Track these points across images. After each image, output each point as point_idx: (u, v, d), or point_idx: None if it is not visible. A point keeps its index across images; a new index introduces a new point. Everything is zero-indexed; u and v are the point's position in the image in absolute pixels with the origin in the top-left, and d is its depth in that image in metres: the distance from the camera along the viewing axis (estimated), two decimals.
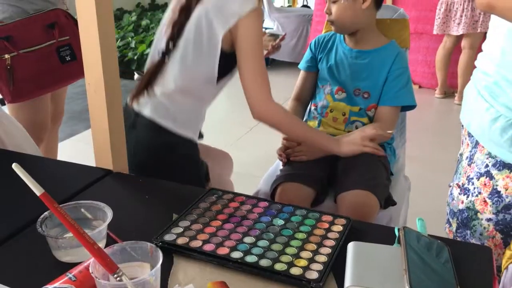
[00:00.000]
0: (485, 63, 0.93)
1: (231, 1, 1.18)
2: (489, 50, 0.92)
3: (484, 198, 0.92)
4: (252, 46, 1.19)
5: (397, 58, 1.47)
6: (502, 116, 0.87)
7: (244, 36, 1.18)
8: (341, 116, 1.51)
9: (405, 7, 3.86)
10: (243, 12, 1.15)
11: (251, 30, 1.18)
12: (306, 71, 1.61)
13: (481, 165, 0.93)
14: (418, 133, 3.01)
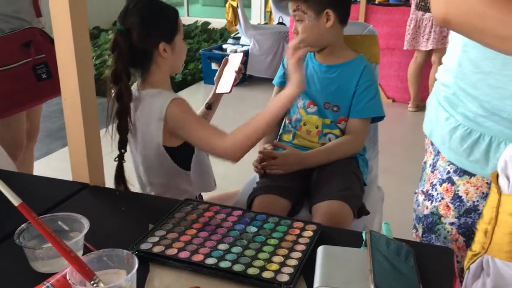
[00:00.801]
0: (444, 75, 0.98)
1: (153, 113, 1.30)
2: (448, 63, 0.98)
3: (447, 203, 0.97)
4: (189, 121, 1.30)
5: (364, 71, 1.52)
6: (461, 125, 0.92)
7: (177, 121, 1.29)
8: (314, 129, 1.56)
9: (377, 24, 4.01)
10: (166, 106, 1.27)
11: (179, 112, 1.29)
12: (280, 86, 1.66)
13: (443, 171, 0.97)
14: (392, 145, 3.08)
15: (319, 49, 1.55)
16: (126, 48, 1.27)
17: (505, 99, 0.85)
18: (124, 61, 1.28)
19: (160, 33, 1.31)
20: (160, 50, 1.31)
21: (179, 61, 1.40)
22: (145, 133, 1.35)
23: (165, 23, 1.33)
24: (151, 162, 1.38)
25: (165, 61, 1.34)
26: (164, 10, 1.33)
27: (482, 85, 0.88)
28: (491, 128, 0.88)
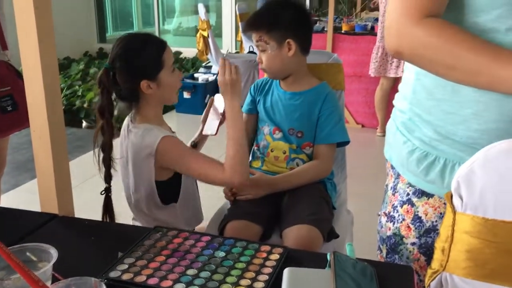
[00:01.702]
0: (400, 102, 1.04)
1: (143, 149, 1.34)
2: (403, 90, 1.03)
3: (408, 224, 1.01)
4: (184, 157, 1.35)
5: (326, 98, 1.58)
6: (418, 149, 0.97)
7: (170, 158, 1.34)
8: (282, 155, 1.60)
9: (344, 52, 4.14)
10: (155, 144, 1.31)
11: (172, 150, 1.35)
12: (248, 114, 1.70)
13: (403, 194, 1.01)
14: (361, 169, 3.15)
15: (283, 77, 1.61)
16: (109, 86, 1.32)
17: (457, 124, 0.90)
18: (108, 97, 1.32)
19: (141, 71, 1.34)
20: (143, 87, 1.33)
21: (169, 94, 1.41)
22: (135, 166, 1.38)
23: (146, 60, 1.34)
24: (140, 195, 1.40)
25: (152, 96, 1.36)
26: (146, 47, 1.35)
27: (436, 111, 0.93)
28: (445, 151, 0.93)
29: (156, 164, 1.33)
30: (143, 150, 1.33)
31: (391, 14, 0.85)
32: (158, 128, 1.37)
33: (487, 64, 0.76)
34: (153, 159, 1.32)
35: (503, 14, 0.82)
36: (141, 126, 1.37)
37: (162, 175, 1.37)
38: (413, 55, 0.85)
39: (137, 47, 1.34)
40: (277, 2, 1.63)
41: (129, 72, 1.33)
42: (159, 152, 1.31)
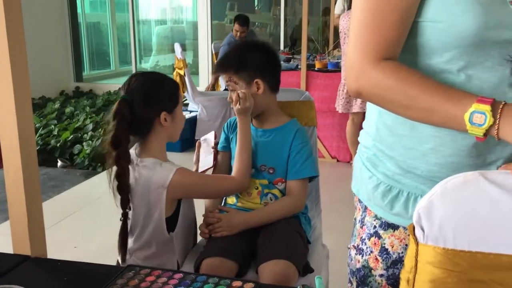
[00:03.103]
0: (365, 138, 1.09)
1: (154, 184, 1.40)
2: (367, 127, 1.08)
3: (376, 256, 1.04)
4: (198, 182, 1.49)
5: (296, 134, 1.62)
6: (382, 183, 1.01)
7: (186, 188, 1.44)
8: (255, 190, 1.62)
9: (318, 88, 4.24)
10: (170, 177, 1.39)
11: (187, 180, 1.44)
12: (222, 151, 1.73)
13: (370, 226, 1.05)
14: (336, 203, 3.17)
15: (254, 115, 1.65)
16: (128, 116, 1.36)
17: (417, 158, 0.95)
18: (125, 128, 1.36)
19: (162, 103, 1.42)
20: (161, 119, 1.41)
21: (178, 130, 1.51)
22: (143, 199, 1.41)
23: (167, 93, 1.44)
24: (142, 229, 1.43)
25: (164, 130, 1.44)
26: (165, 82, 1.46)
27: (397, 147, 0.98)
28: (408, 185, 0.98)
29: (168, 198, 1.39)
30: (154, 184, 1.38)
31: (351, 56, 0.90)
32: (165, 161, 1.44)
33: (440, 104, 0.82)
34: (165, 193, 1.37)
35: (454, 57, 0.88)
36: (149, 160, 1.42)
37: (167, 212, 1.42)
38: (371, 96, 0.90)
39: (156, 81, 1.44)
40: (244, 44, 1.71)
41: (150, 103, 1.39)
42: (173, 184, 1.38)
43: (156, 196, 1.38)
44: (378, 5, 0.87)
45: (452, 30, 0.86)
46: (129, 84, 1.41)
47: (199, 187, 1.47)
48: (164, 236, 1.43)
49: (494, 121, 0.76)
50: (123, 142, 1.36)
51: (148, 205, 1.40)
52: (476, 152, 0.93)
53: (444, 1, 0.85)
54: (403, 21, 0.87)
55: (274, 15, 7.96)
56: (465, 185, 0.80)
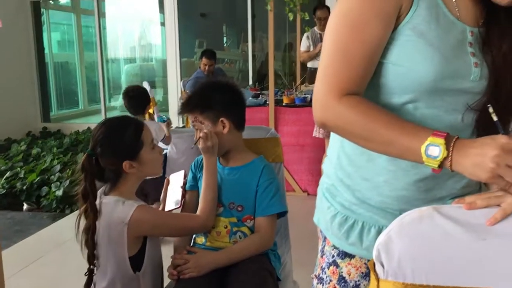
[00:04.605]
0: (328, 166, 1.12)
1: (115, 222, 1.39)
2: (330, 155, 1.12)
3: (334, 285, 1.06)
4: (161, 220, 1.49)
5: (263, 171, 1.64)
6: (339, 213, 1.05)
7: (147, 225, 1.43)
8: (224, 229, 1.62)
9: (286, 123, 4.30)
10: (130, 215, 1.38)
11: (148, 217, 1.43)
12: (190, 190, 1.73)
13: (329, 256, 1.08)
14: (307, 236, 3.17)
15: (221, 153, 1.67)
16: (92, 171, 1.40)
17: (372, 189, 1.00)
18: (92, 182, 1.39)
19: (123, 153, 1.43)
20: (125, 168, 1.42)
21: (151, 169, 1.51)
22: (104, 238, 1.40)
23: (126, 142, 1.44)
24: (106, 268, 1.41)
25: (133, 174, 1.46)
26: (125, 130, 1.45)
27: (355, 176, 1.02)
28: (363, 215, 1.02)
29: (129, 235, 1.38)
30: (115, 221, 1.38)
31: (318, 90, 0.95)
32: (130, 200, 1.43)
33: (398, 137, 0.86)
34: (125, 229, 1.37)
35: (412, 99, 0.94)
36: (112, 198, 1.43)
37: (131, 250, 1.41)
38: (335, 127, 0.95)
39: (117, 131, 1.45)
40: (209, 84, 1.75)
41: (112, 155, 1.42)
42: (134, 221, 1.37)
43: (117, 233, 1.38)
44: (347, 41, 0.91)
45: (411, 75, 0.91)
46: (94, 136, 1.44)
47: (162, 225, 1.47)
48: (129, 275, 1.41)
49: (447, 153, 0.80)
50: (90, 196, 1.38)
51: (110, 243, 1.40)
52: (426, 187, 0.97)
53: (406, 47, 0.91)
54: (369, 58, 0.92)
55: (243, 51, 8.10)
56: (421, 220, 0.83)
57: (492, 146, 0.78)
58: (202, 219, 1.55)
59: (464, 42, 0.93)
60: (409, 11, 0.91)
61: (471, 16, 0.94)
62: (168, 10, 7.27)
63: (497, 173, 0.77)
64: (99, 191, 1.46)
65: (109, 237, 1.40)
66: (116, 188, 1.46)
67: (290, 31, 6.18)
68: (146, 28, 9.41)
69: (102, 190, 1.48)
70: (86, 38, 8.84)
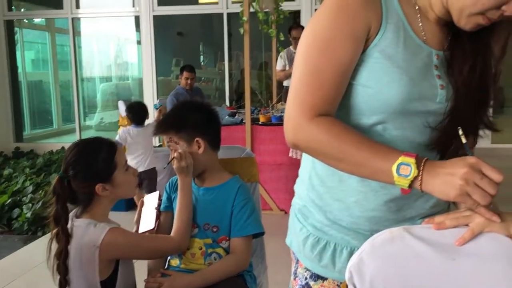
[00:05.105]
0: (299, 187, 1.13)
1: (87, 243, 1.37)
2: (302, 175, 1.12)
3: None
4: (135, 243, 1.45)
5: (239, 191, 1.63)
6: (311, 235, 1.05)
7: (121, 247, 1.41)
8: (198, 251, 1.60)
9: (263, 142, 4.31)
10: (101, 237, 1.36)
11: (121, 239, 1.41)
12: (165, 211, 1.71)
13: (302, 278, 1.08)
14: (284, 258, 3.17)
15: (196, 174, 1.66)
16: (64, 194, 1.37)
17: (343, 210, 1.00)
18: (64, 205, 1.36)
19: (96, 176, 1.41)
20: (98, 190, 1.40)
21: (125, 191, 1.49)
22: (75, 262, 1.36)
23: (99, 165, 1.42)
24: None
25: (106, 197, 1.44)
26: (98, 152, 1.43)
27: (327, 197, 1.03)
28: (334, 236, 1.02)
29: (101, 258, 1.35)
30: (86, 245, 1.35)
31: (289, 111, 0.95)
32: (103, 223, 1.41)
33: (369, 158, 0.87)
34: (97, 252, 1.34)
35: (380, 120, 0.95)
36: (84, 220, 1.40)
37: (103, 274, 1.38)
38: (307, 148, 0.95)
39: (90, 153, 1.42)
40: (184, 104, 1.75)
41: (84, 178, 1.39)
42: (106, 244, 1.35)
43: (88, 257, 1.36)
44: (318, 63, 0.93)
45: (379, 97, 0.93)
46: (66, 158, 1.42)
47: (135, 247, 1.44)
48: None
49: (418, 172, 0.82)
50: (62, 220, 1.36)
51: (82, 267, 1.37)
52: (396, 207, 0.99)
53: (375, 69, 0.93)
54: (340, 79, 0.93)
55: (220, 70, 8.14)
56: (392, 241, 0.84)
57: (461, 165, 0.80)
58: (176, 241, 1.53)
59: (430, 65, 0.95)
60: (377, 34, 0.93)
61: (436, 40, 0.97)
62: (145, 29, 7.27)
63: (465, 191, 0.79)
64: (71, 213, 1.44)
65: (81, 261, 1.37)
66: (88, 211, 1.44)
67: (266, 50, 6.25)
68: (122, 46, 9.38)
69: (74, 212, 1.45)
70: (61, 57, 8.75)
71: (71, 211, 1.45)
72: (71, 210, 1.45)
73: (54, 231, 1.37)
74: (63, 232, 1.36)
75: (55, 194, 1.37)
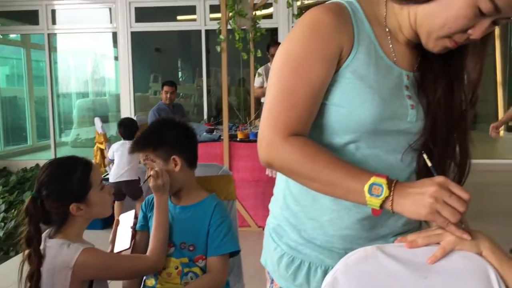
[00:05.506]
0: (274, 205, 1.13)
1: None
2: (277, 194, 1.13)
3: None
4: (110, 263, 1.43)
5: (215, 209, 1.62)
6: (286, 254, 1.05)
7: (95, 268, 1.38)
8: (174, 270, 1.59)
9: (241, 158, 4.31)
10: (75, 258, 1.34)
11: (95, 260, 1.38)
12: (140, 230, 1.69)
13: None
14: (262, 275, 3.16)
15: (173, 192, 1.64)
16: (37, 215, 1.34)
17: (317, 229, 1.01)
18: (36, 226, 1.33)
19: (70, 195, 1.38)
20: (73, 210, 1.37)
21: (99, 211, 1.47)
22: (47, 284, 1.33)
23: (74, 184, 1.39)
24: None
25: (80, 217, 1.41)
26: (72, 171, 1.40)
27: (301, 216, 1.03)
28: (309, 255, 1.02)
29: (74, 280, 1.32)
30: (59, 266, 1.32)
31: (263, 130, 0.96)
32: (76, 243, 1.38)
33: (342, 178, 0.88)
34: (70, 274, 1.31)
35: (353, 139, 0.97)
36: (57, 241, 1.37)
37: None
38: (280, 167, 0.96)
39: (63, 173, 1.40)
40: (161, 122, 1.74)
41: (57, 198, 1.37)
42: (79, 265, 1.32)
43: (61, 278, 1.33)
44: (292, 83, 0.94)
45: (352, 117, 0.94)
46: (39, 177, 1.40)
47: (109, 268, 1.42)
48: None
49: (389, 193, 0.83)
50: (34, 241, 1.33)
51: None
52: (369, 226, 1.00)
53: (347, 90, 0.94)
54: (313, 99, 0.94)
55: (198, 86, 8.15)
56: (365, 260, 0.85)
57: (430, 184, 0.82)
58: (152, 260, 1.51)
59: (401, 85, 0.98)
60: (349, 55, 0.95)
61: (406, 61, 1.00)
62: (122, 45, 7.25)
63: (435, 208, 0.80)
64: (43, 234, 1.41)
65: (53, 283, 1.34)
66: (61, 231, 1.41)
67: (244, 66, 6.28)
68: (100, 62, 9.33)
69: (47, 233, 1.43)
70: (36, 73, 8.64)
71: (44, 231, 1.42)
72: (44, 230, 1.42)
73: (26, 252, 1.35)
74: (35, 253, 1.33)
75: (28, 214, 1.35)
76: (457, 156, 1.01)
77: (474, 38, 0.88)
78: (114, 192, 1.54)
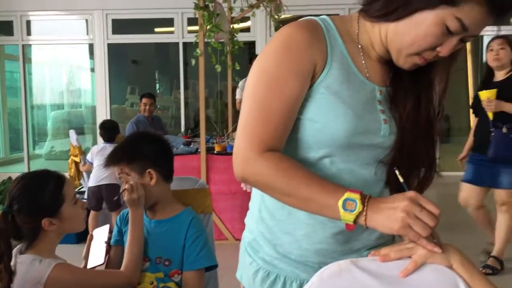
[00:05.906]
0: (249, 219, 1.13)
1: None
2: (252, 208, 1.13)
3: None
4: (83, 279, 1.41)
5: (191, 223, 1.61)
6: (261, 268, 1.05)
7: (68, 284, 1.36)
8: (149, 285, 1.57)
9: (218, 171, 4.29)
10: (46, 274, 1.32)
11: (68, 276, 1.37)
12: (115, 245, 1.67)
13: None
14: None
15: (148, 206, 1.63)
16: (8, 230, 1.32)
17: (292, 243, 1.02)
18: (7, 242, 1.30)
19: (41, 210, 1.36)
20: (45, 225, 1.35)
21: (72, 225, 1.45)
22: None
23: (46, 199, 1.37)
24: None
25: (53, 231, 1.38)
26: (44, 185, 1.38)
27: (276, 230, 1.04)
28: (284, 269, 1.03)
29: None
30: (29, 282, 1.30)
31: (238, 145, 0.96)
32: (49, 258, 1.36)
33: (317, 194, 0.89)
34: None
35: (327, 153, 0.98)
36: (29, 256, 1.35)
37: None
38: (255, 182, 0.96)
39: (35, 187, 1.37)
40: (136, 135, 1.73)
41: (29, 213, 1.34)
42: (51, 281, 1.30)
43: None
44: (266, 98, 0.95)
45: (326, 131, 0.96)
46: (10, 192, 1.38)
47: (82, 284, 1.40)
48: None
49: (363, 208, 0.84)
50: (4, 257, 1.30)
51: None
52: (343, 240, 1.01)
53: (321, 105, 0.96)
54: (288, 114, 0.95)
55: (176, 98, 8.12)
56: (340, 274, 0.85)
57: (402, 198, 0.84)
58: (126, 276, 1.49)
59: (373, 100, 1.00)
60: (323, 71, 0.96)
61: (379, 77, 1.02)
62: (98, 57, 7.20)
63: (407, 223, 0.82)
64: (14, 250, 1.38)
65: None
66: (33, 246, 1.38)
67: (222, 79, 6.31)
68: (75, 73, 9.21)
69: (18, 248, 1.40)
70: (10, 84, 8.49)
71: (15, 247, 1.39)
72: (15, 246, 1.39)
73: None
74: (6, 270, 1.30)
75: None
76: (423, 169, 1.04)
77: (443, 55, 0.91)
78: (94, 196, 1.53)
